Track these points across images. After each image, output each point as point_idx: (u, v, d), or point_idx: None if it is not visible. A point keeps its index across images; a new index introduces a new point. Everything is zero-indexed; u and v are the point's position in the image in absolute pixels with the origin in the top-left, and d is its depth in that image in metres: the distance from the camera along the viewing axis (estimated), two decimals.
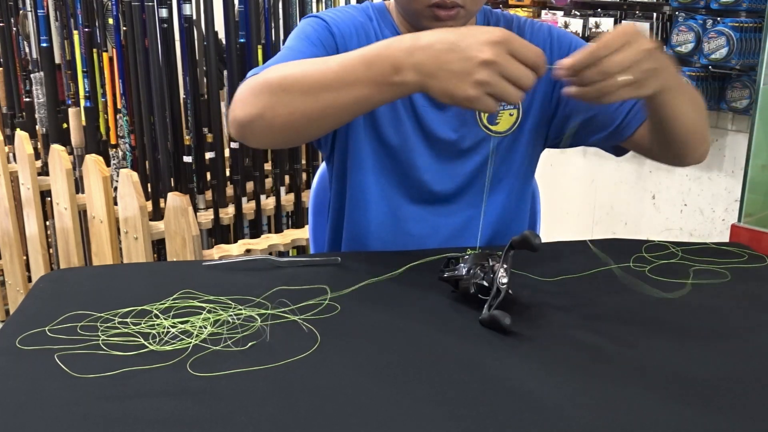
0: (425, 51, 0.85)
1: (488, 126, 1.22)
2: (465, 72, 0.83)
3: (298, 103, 0.93)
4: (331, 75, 0.91)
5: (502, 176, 1.25)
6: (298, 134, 1.00)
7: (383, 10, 1.22)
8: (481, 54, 0.82)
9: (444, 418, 0.72)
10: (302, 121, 0.95)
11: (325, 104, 0.92)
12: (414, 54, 0.86)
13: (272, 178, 2.30)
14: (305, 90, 0.93)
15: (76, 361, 0.81)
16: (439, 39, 0.85)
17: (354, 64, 0.90)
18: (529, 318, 0.94)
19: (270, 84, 0.96)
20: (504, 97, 0.84)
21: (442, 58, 0.84)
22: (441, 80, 0.85)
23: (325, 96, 0.92)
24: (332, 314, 0.94)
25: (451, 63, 0.84)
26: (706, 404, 0.76)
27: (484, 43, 0.83)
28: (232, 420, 0.72)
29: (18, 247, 2.60)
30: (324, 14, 1.19)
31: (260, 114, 0.96)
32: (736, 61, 2.26)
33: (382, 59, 0.88)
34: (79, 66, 2.29)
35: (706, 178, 2.51)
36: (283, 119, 0.95)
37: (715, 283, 1.06)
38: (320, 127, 0.99)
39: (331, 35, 1.15)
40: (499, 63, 0.83)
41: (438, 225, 1.24)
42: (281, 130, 0.97)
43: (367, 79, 0.89)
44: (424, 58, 0.85)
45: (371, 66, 0.89)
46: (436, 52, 0.85)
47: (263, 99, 0.95)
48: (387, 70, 0.87)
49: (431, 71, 0.85)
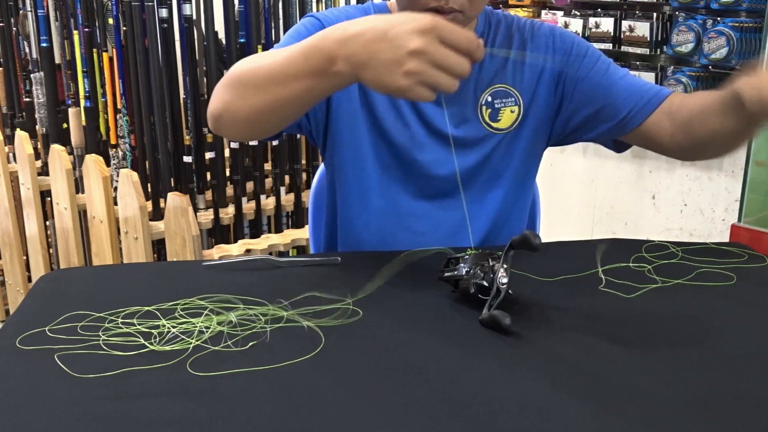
0: (356, 40, 0.84)
1: (490, 123, 1.22)
2: (394, 62, 0.82)
3: (252, 97, 0.96)
4: (278, 68, 0.92)
5: (502, 172, 1.25)
6: (259, 127, 1.03)
7: (384, 9, 1.22)
8: (410, 43, 0.81)
9: (444, 418, 0.72)
10: (258, 114, 0.97)
11: (273, 97, 0.94)
12: (346, 44, 0.85)
13: (272, 178, 2.30)
14: (257, 83, 0.95)
15: (76, 361, 0.81)
16: (369, 27, 0.84)
17: (295, 57, 0.90)
18: (529, 318, 0.94)
19: (232, 78, 0.98)
20: (436, 86, 0.82)
21: (371, 48, 0.83)
22: (372, 70, 0.83)
23: (273, 89, 0.93)
24: (332, 315, 0.94)
25: (381, 52, 0.82)
26: (706, 403, 0.76)
27: (413, 31, 0.81)
28: (232, 420, 0.72)
29: (18, 247, 2.60)
30: (320, 14, 1.19)
31: (225, 108, 0.99)
32: (736, 61, 2.26)
33: (317, 50, 0.88)
34: (79, 66, 2.28)
35: (706, 178, 2.51)
36: (243, 113, 0.98)
37: (719, 285, 1.06)
38: (277, 119, 1.01)
39: None
40: (429, 52, 0.81)
41: (438, 220, 1.24)
42: (244, 123, 1.00)
43: (306, 72, 0.89)
44: (355, 48, 0.84)
45: (308, 58, 0.89)
46: (366, 41, 0.84)
47: (227, 93, 0.99)
48: (322, 61, 0.87)
49: (362, 61, 0.84)
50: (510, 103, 1.22)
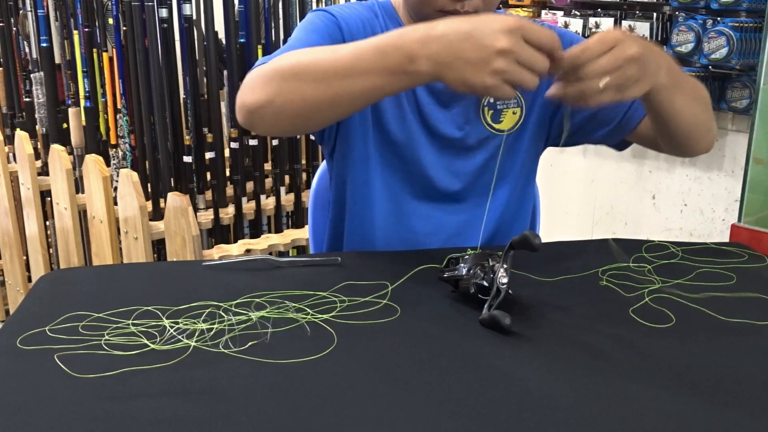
0: (440, 41, 0.85)
1: (492, 124, 1.22)
2: (481, 61, 0.83)
3: (309, 90, 0.93)
4: (344, 63, 0.91)
5: (506, 174, 1.25)
6: (307, 121, 1.00)
7: (389, 7, 1.22)
8: (497, 42, 0.83)
9: (444, 418, 0.72)
10: (313, 109, 0.95)
11: (336, 92, 0.92)
12: (428, 44, 0.86)
13: (272, 178, 2.30)
14: (317, 77, 0.93)
15: (76, 361, 0.81)
16: (453, 29, 0.85)
17: (367, 53, 0.90)
18: (529, 318, 0.94)
19: (281, 70, 0.95)
20: (521, 84, 0.85)
21: (457, 48, 0.84)
22: (457, 70, 0.85)
23: (337, 84, 0.92)
24: (331, 315, 0.94)
25: (467, 52, 0.84)
26: (706, 403, 0.76)
27: (499, 31, 0.83)
28: (232, 420, 0.71)
29: (18, 247, 2.60)
30: (334, 9, 1.19)
31: (270, 100, 0.95)
32: (736, 61, 2.26)
33: (395, 49, 0.88)
34: (79, 66, 2.28)
35: (706, 178, 2.51)
36: (293, 106, 0.95)
37: (719, 285, 1.06)
38: (331, 115, 0.99)
39: (339, 29, 1.15)
40: (515, 51, 0.83)
41: (442, 222, 1.24)
42: (291, 116, 0.96)
43: (380, 68, 0.89)
44: (438, 48, 0.85)
45: (384, 55, 0.89)
46: (451, 41, 0.85)
47: (274, 85, 0.95)
48: (401, 59, 0.87)
49: (446, 61, 0.85)
50: (512, 104, 1.22)
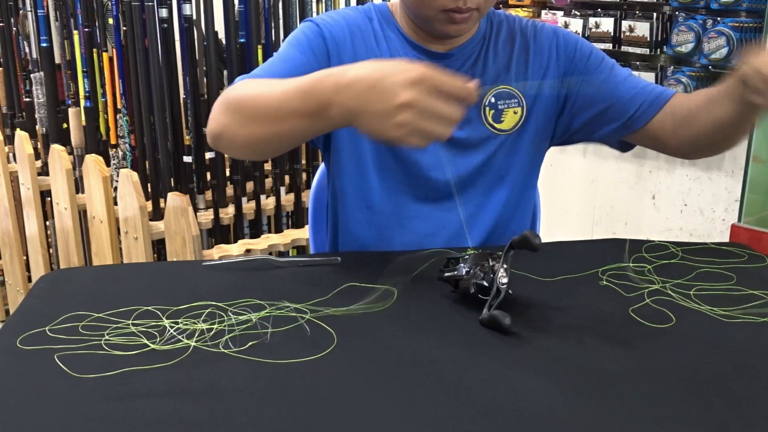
0: (348, 89, 0.85)
1: (493, 124, 1.22)
2: (386, 113, 0.83)
3: (249, 127, 0.98)
4: (274, 104, 0.94)
5: (505, 173, 1.25)
6: (257, 153, 1.08)
7: (386, 11, 1.22)
8: (400, 96, 0.81)
9: (444, 418, 0.72)
10: (256, 143, 1.00)
11: (270, 130, 0.96)
12: (339, 92, 0.86)
13: (272, 178, 2.30)
14: (255, 115, 0.97)
15: (76, 361, 0.81)
16: (361, 77, 0.85)
17: (292, 95, 0.92)
18: (529, 318, 0.94)
19: (230, 103, 1.00)
20: (430, 135, 0.83)
21: (364, 98, 0.84)
22: (365, 119, 0.85)
23: (270, 123, 0.95)
24: (331, 315, 0.94)
25: (372, 104, 0.84)
26: (706, 403, 0.76)
27: (403, 83, 0.82)
28: (232, 420, 0.72)
29: (18, 247, 2.60)
30: (319, 18, 1.20)
31: (222, 132, 1.01)
32: (736, 61, 2.26)
33: (313, 93, 0.89)
34: (79, 66, 2.28)
35: (706, 178, 2.51)
36: (240, 139, 1.00)
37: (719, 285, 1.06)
38: (275, 149, 1.04)
39: (323, 40, 1.17)
40: (418, 103, 0.81)
41: (443, 222, 1.24)
42: (242, 148, 1.03)
43: (301, 112, 0.91)
44: (348, 97, 0.86)
45: (305, 99, 0.90)
46: (358, 91, 0.85)
47: (224, 117, 1.01)
48: (317, 105, 0.89)
49: (355, 111, 0.85)
50: (513, 104, 1.22)
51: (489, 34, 1.23)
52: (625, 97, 1.19)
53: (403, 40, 1.20)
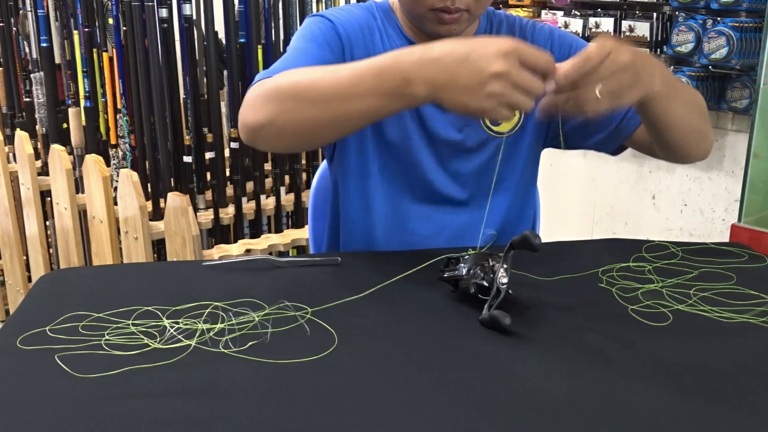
0: (436, 64, 0.85)
1: (491, 127, 1.22)
2: (477, 84, 0.83)
3: (308, 112, 0.94)
4: (342, 84, 0.92)
5: (506, 176, 1.25)
6: (308, 141, 1.02)
7: (387, 9, 1.22)
8: (492, 66, 0.83)
9: (444, 418, 0.72)
10: (313, 129, 0.96)
11: (335, 113, 0.93)
12: (425, 67, 0.86)
13: (272, 178, 2.30)
14: (316, 98, 0.93)
15: (76, 361, 0.81)
16: (449, 52, 0.85)
17: (364, 75, 0.90)
18: (529, 318, 0.94)
19: (280, 91, 0.96)
20: (517, 106, 0.85)
21: (453, 71, 0.84)
22: (453, 93, 0.85)
23: (336, 105, 0.92)
24: (332, 315, 0.94)
25: (463, 76, 0.84)
26: (706, 403, 0.76)
27: (495, 54, 0.83)
28: (232, 420, 0.72)
29: (18, 247, 2.60)
30: (329, 14, 1.19)
31: (271, 120, 0.96)
32: (736, 61, 2.26)
33: (392, 71, 0.88)
34: (79, 66, 2.28)
35: (706, 178, 2.51)
36: (293, 126, 0.95)
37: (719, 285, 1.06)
38: (331, 135, 1.01)
39: (337, 35, 1.15)
40: (511, 74, 0.83)
41: (443, 224, 1.24)
42: (292, 136, 0.97)
43: (377, 90, 0.89)
44: (434, 72, 0.85)
45: (382, 77, 0.89)
46: (447, 65, 0.85)
47: (273, 105, 0.96)
48: (398, 82, 0.88)
49: (442, 85, 0.85)
50: None
51: (489, 34, 1.23)
52: None
53: (404, 38, 1.20)
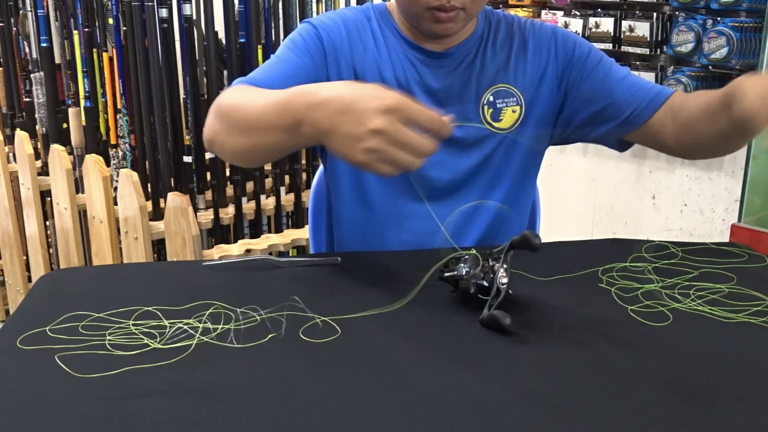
0: (321, 108, 0.85)
1: (491, 123, 1.22)
2: (355, 137, 0.81)
3: (234, 136, 0.99)
4: (254, 116, 0.95)
5: (503, 172, 1.25)
6: (245, 162, 1.09)
7: (384, 10, 1.22)
8: (371, 122, 0.80)
9: (444, 418, 0.72)
10: (242, 153, 1.01)
11: (253, 141, 0.96)
12: (312, 110, 0.86)
13: (272, 178, 2.30)
14: (238, 125, 0.98)
15: (76, 361, 0.82)
16: (335, 97, 0.84)
17: (270, 109, 0.92)
18: (529, 318, 0.94)
19: (219, 111, 1.02)
20: (399, 165, 0.82)
21: (335, 119, 0.83)
22: (335, 140, 0.84)
23: (251, 134, 0.96)
24: (332, 315, 0.94)
25: (343, 125, 0.82)
26: (706, 403, 0.76)
27: (375, 110, 0.80)
28: (232, 420, 0.72)
29: (18, 247, 2.60)
30: (316, 20, 1.20)
31: (213, 138, 1.03)
32: (736, 61, 2.26)
33: (288, 109, 0.89)
34: (79, 66, 2.28)
35: (706, 178, 2.51)
36: (228, 148, 1.01)
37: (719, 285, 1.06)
38: (258, 160, 1.06)
39: (320, 41, 1.17)
40: (389, 132, 0.80)
41: (442, 221, 1.24)
42: (231, 155, 1.04)
43: (278, 126, 0.91)
44: (319, 116, 0.85)
45: (281, 114, 0.90)
46: (330, 111, 0.84)
47: (215, 124, 1.02)
48: (292, 121, 0.88)
49: (326, 130, 0.84)
50: (512, 102, 1.22)
51: (487, 33, 1.23)
52: (623, 96, 1.18)
53: (401, 39, 1.20)
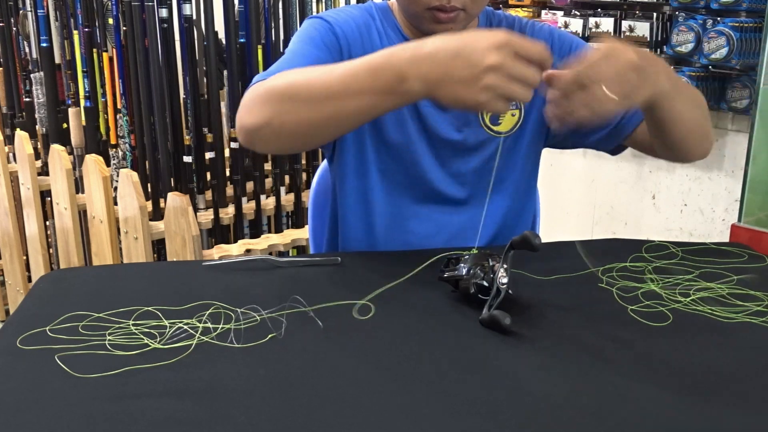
0: (429, 60, 0.85)
1: (491, 126, 1.22)
2: (472, 78, 0.83)
3: (304, 112, 0.94)
4: (336, 84, 0.92)
5: (506, 176, 1.25)
6: (305, 141, 1.02)
7: (386, 9, 1.22)
8: (486, 59, 0.83)
9: (444, 419, 0.72)
10: (309, 129, 0.96)
11: (330, 113, 0.93)
12: (418, 63, 0.86)
13: (272, 178, 2.30)
14: (311, 98, 0.94)
15: (76, 361, 0.81)
16: (442, 47, 0.85)
17: (359, 73, 0.90)
18: (529, 318, 0.94)
19: (276, 92, 0.96)
20: (513, 98, 0.85)
21: (447, 66, 0.84)
22: (448, 88, 0.85)
23: (331, 105, 0.92)
24: (332, 315, 0.94)
25: (457, 70, 0.84)
26: (706, 403, 0.76)
27: (488, 47, 0.83)
28: (232, 420, 0.72)
29: (18, 247, 2.60)
30: (327, 15, 1.19)
31: (267, 122, 0.96)
32: (736, 61, 2.26)
33: (386, 69, 0.88)
34: (79, 66, 2.28)
35: (706, 178, 2.51)
36: (290, 127, 0.96)
37: (719, 285, 1.06)
38: (327, 135, 1.00)
39: (335, 36, 1.16)
40: (505, 65, 0.83)
41: (443, 223, 1.24)
42: (289, 137, 0.98)
43: (372, 89, 0.89)
44: (428, 68, 0.85)
45: (376, 75, 0.89)
46: (441, 60, 0.85)
47: (270, 107, 0.96)
48: (392, 79, 0.88)
49: (437, 80, 0.85)
50: (511, 106, 1.21)
51: None
52: None
53: (402, 38, 1.20)
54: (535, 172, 1.31)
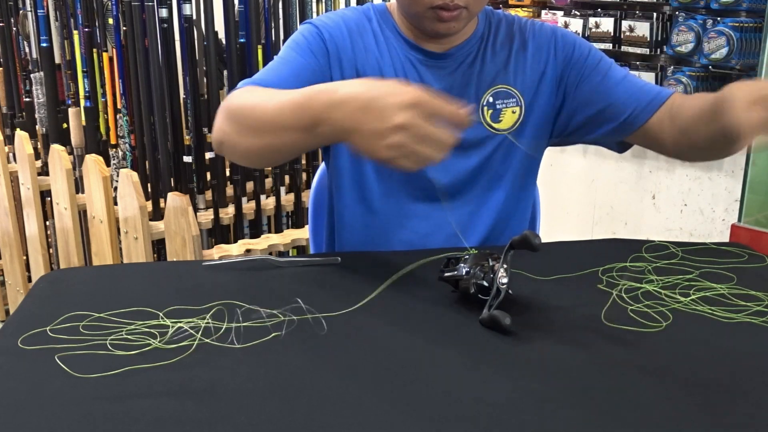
0: (342, 107, 0.85)
1: (491, 123, 1.22)
2: (378, 134, 0.82)
3: (247, 137, 0.98)
4: (269, 117, 0.94)
5: (503, 173, 1.25)
6: (257, 162, 1.09)
7: (384, 11, 1.22)
8: (395, 117, 0.81)
9: (444, 418, 0.73)
10: (254, 154, 1.00)
11: (266, 142, 0.96)
12: (331, 109, 0.86)
13: (272, 178, 2.30)
14: (251, 126, 0.97)
15: (77, 361, 0.82)
16: (354, 96, 0.84)
17: (286, 109, 0.92)
18: (529, 318, 0.94)
19: (230, 112, 1.01)
20: (423, 158, 0.83)
21: (356, 117, 0.84)
22: (357, 138, 0.84)
23: (265, 135, 0.96)
24: (332, 314, 0.94)
25: (367, 123, 0.83)
26: (706, 403, 0.76)
27: (398, 105, 0.81)
28: (232, 420, 0.72)
29: (18, 247, 2.60)
30: (317, 20, 1.20)
31: (223, 140, 1.02)
32: (736, 61, 2.26)
33: (306, 109, 0.89)
34: (79, 66, 2.28)
35: (706, 178, 2.51)
36: (240, 149, 1.01)
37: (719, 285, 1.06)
38: (273, 160, 1.05)
39: (322, 41, 1.17)
40: (414, 126, 0.81)
41: (441, 221, 1.24)
42: (242, 157, 1.04)
43: (295, 126, 0.91)
44: (340, 115, 0.85)
45: (297, 113, 0.90)
46: (351, 110, 0.84)
47: (225, 126, 1.01)
48: (309, 121, 0.89)
49: (349, 129, 0.85)
50: (511, 103, 1.22)
51: (487, 33, 1.23)
52: (622, 97, 1.18)
53: (401, 40, 1.20)
54: (535, 168, 1.31)
